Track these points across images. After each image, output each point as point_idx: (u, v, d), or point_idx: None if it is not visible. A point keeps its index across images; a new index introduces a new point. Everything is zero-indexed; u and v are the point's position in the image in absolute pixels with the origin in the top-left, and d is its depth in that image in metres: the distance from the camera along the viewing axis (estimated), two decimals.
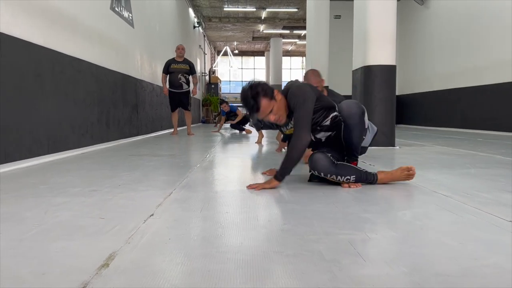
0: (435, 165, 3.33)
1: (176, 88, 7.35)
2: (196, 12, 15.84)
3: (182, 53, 7.34)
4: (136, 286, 1.00)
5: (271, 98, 2.26)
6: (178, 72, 7.28)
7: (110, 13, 5.58)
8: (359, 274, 1.08)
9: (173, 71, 7.27)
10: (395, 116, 5.15)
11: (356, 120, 2.34)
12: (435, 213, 1.76)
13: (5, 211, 1.77)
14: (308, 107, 2.27)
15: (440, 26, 11.08)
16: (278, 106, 2.30)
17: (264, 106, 2.25)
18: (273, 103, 2.28)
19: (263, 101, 2.23)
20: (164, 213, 1.72)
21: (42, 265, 1.13)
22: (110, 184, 2.42)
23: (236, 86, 30.06)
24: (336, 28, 12.65)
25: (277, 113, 2.31)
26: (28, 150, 3.40)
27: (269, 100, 2.25)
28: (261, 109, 2.25)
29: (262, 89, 2.25)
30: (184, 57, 7.42)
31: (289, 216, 1.71)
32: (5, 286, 1.00)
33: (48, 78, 3.78)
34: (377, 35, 5.01)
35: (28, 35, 3.44)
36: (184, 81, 7.36)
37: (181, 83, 7.36)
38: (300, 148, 2.25)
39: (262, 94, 2.23)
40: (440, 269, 1.11)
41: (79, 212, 1.76)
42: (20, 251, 1.25)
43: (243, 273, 1.08)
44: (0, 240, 1.36)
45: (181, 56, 7.34)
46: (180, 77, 7.29)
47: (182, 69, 7.32)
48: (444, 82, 10.80)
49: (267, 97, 2.25)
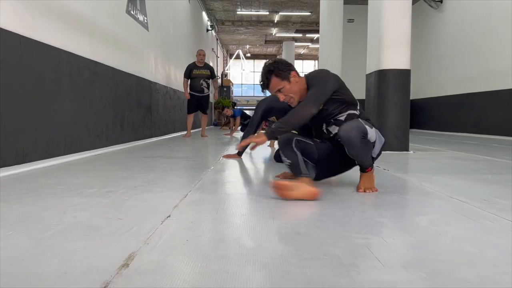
0: (450, 171, 3.30)
1: (198, 92, 7.48)
2: (209, 15, 15.93)
3: (203, 58, 7.46)
4: (156, 287, 1.01)
5: (283, 78, 2.32)
6: (200, 78, 7.42)
7: (126, 16, 5.65)
8: (378, 278, 1.08)
9: (195, 77, 7.40)
10: (409, 120, 5.11)
11: (357, 144, 2.19)
12: (452, 218, 1.75)
13: (25, 210, 1.80)
14: (326, 88, 2.28)
15: (454, 30, 10.98)
16: (290, 87, 2.33)
17: (273, 84, 2.33)
18: (285, 83, 2.33)
19: (273, 79, 2.32)
20: (180, 215, 1.74)
21: (63, 265, 1.15)
22: (126, 185, 2.45)
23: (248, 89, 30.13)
24: (350, 32, 12.61)
25: (287, 94, 2.35)
26: (45, 151, 3.45)
27: (280, 80, 2.32)
28: (270, 86, 2.34)
29: (276, 67, 2.32)
30: (204, 61, 7.51)
31: (305, 219, 1.72)
32: (28, 285, 1.02)
33: (66, 80, 3.84)
34: (392, 39, 4.98)
35: (47, 38, 3.50)
36: (205, 86, 7.51)
37: (203, 88, 7.51)
38: (301, 115, 2.22)
39: (275, 73, 2.31)
40: (459, 275, 1.10)
41: (97, 212, 1.78)
42: (40, 251, 1.28)
43: (261, 276, 1.08)
44: (22, 239, 1.39)
45: (201, 61, 7.44)
46: (202, 82, 7.44)
47: (204, 74, 7.47)
48: (458, 87, 10.70)
49: (279, 77, 2.31)
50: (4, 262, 1.17)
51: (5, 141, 2.92)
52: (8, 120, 2.96)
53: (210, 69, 7.61)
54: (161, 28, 7.90)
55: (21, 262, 1.17)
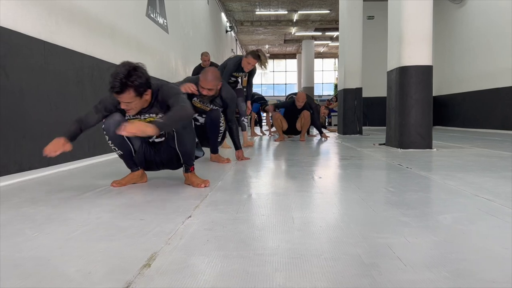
0: (475, 168, 3.22)
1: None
2: (228, 16, 16.00)
3: (205, 59, 7.46)
4: (178, 287, 1.02)
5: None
6: None
7: (146, 20, 5.73)
8: (400, 278, 1.06)
9: None
10: (432, 117, 5.02)
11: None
12: (477, 217, 1.71)
13: (51, 212, 1.85)
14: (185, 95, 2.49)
15: (477, 25, 10.71)
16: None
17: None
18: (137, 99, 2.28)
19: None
20: (201, 215, 1.75)
21: (88, 264, 1.18)
22: (148, 186, 2.49)
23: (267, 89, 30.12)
24: (370, 28, 12.44)
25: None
26: (70, 153, 3.53)
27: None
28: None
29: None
30: (209, 61, 7.53)
31: (325, 219, 1.71)
32: (54, 284, 1.05)
33: (88, 84, 3.92)
34: (413, 35, 4.90)
35: (70, 43, 3.58)
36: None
37: None
38: (187, 115, 2.28)
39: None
40: (485, 276, 1.08)
41: (120, 213, 1.81)
42: (66, 251, 1.31)
43: (281, 276, 1.08)
44: (48, 240, 1.43)
45: (206, 61, 7.45)
46: None
47: None
48: (482, 82, 10.43)
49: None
50: (31, 262, 1.21)
51: (31, 145, 3.00)
52: (34, 125, 3.05)
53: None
54: (180, 30, 7.97)
55: (47, 262, 1.20)
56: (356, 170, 3.31)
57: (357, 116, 8.62)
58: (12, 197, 2.20)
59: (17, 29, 2.88)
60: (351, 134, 8.53)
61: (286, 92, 27.38)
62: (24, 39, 2.95)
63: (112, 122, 2.39)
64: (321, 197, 2.16)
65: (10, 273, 1.12)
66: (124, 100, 2.24)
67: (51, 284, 1.05)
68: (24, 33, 2.95)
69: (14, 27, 2.84)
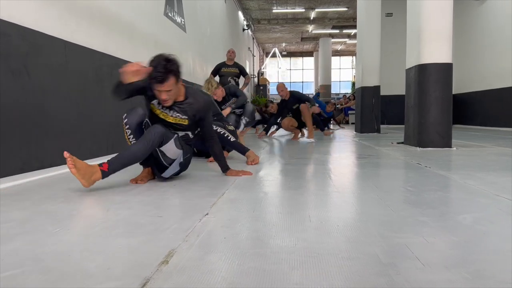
0: (496, 168, 3.16)
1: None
2: (245, 15, 16.01)
3: (232, 56, 7.52)
4: (196, 284, 1.03)
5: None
6: (228, 75, 7.49)
7: (163, 18, 5.78)
8: (418, 278, 1.05)
9: (224, 74, 7.48)
10: (452, 116, 4.94)
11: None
12: (498, 217, 1.68)
13: (72, 208, 1.88)
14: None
15: (498, 22, 10.47)
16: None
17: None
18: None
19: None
20: (218, 213, 1.76)
21: (107, 260, 1.20)
22: (166, 184, 2.51)
23: None
24: (388, 26, 12.29)
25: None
26: (89, 151, 3.60)
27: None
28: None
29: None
30: (234, 60, 7.58)
31: (343, 218, 1.70)
32: (75, 279, 1.07)
33: (107, 83, 3.97)
34: (432, 32, 4.82)
35: (90, 42, 3.64)
36: (233, 83, 7.54)
37: None
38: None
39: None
40: (506, 277, 1.06)
41: (138, 210, 1.84)
42: (86, 247, 1.33)
43: (298, 274, 1.08)
44: (69, 236, 1.46)
45: (231, 59, 7.51)
46: (230, 80, 7.49)
47: (232, 72, 7.54)
48: (504, 80, 10.20)
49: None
50: (52, 257, 1.23)
51: (53, 143, 3.06)
52: (55, 123, 3.11)
53: (239, 67, 7.67)
54: (198, 29, 8.02)
55: (68, 258, 1.23)
56: (373, 169, 3.28)
57: (374, 114, 8.54)
58: (33, 193, 2.26)
59: (39, 29, 2.94)
60: (369, 132, 8.46)
61: (303, 91, 27.28)
62: (45, 39, 3.01)
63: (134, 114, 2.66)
64: (338, 196, 2.15)
65: (31, 268, 1.15)
66: (166, 88, 2.34)
67: (71, 279, 1.07)
68: (46, 32, 3.01)
69: (36, 27, 2.90)
